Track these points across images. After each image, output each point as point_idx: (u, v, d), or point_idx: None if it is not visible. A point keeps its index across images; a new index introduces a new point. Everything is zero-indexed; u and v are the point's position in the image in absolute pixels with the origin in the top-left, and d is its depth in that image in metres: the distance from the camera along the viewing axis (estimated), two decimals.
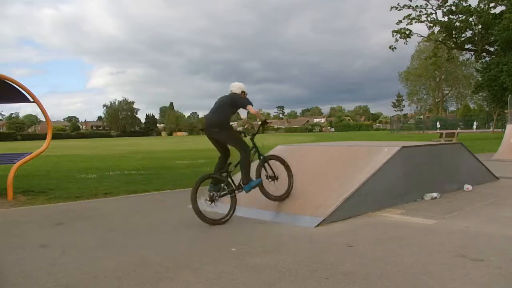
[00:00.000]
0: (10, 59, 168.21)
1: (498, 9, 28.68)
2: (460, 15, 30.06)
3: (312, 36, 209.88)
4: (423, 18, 31.50)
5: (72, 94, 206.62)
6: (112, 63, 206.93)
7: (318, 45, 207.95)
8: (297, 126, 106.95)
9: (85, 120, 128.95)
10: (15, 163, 7.00)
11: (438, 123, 54.24)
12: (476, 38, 30.77)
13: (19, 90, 6.98)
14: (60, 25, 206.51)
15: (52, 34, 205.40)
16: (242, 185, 5.13)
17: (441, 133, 20.87)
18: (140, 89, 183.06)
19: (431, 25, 31.73)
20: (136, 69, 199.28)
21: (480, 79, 31.49)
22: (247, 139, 5.22)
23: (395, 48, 32.98)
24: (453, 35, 31.67)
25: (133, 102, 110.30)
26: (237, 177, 5.25)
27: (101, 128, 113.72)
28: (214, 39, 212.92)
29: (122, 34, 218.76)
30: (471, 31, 31.04)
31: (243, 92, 5.27)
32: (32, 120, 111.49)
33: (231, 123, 5.25)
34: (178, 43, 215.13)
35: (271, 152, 7.28)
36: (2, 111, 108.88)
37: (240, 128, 5.45)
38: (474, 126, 54.63)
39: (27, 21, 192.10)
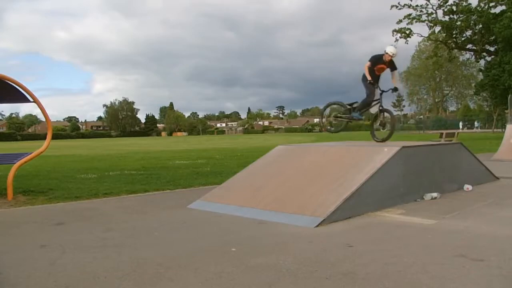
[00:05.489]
0: (13, 67, 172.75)
1: (498, 9, 28.71)
2: (461, 15, 30.03)
3: (298, 48, 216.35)
4: (424, 17, 31.48)
5: (73, 97, 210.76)
6: (114, 70, 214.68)
7: (305, 56, 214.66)
8: (297, 126, 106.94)
9: (85, 120, 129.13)
10: (15, 163, 6.99)
11: (460, 124, 54.04)
12: (476, 37, 30.75)
13: (19, 90, 6.98)
14: (68, 44, 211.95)
15: (60, 50, 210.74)
16: (354, 111, 7.57)
17: (441, 133, 20.84)
18: (141, 93, 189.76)
19: (432, 24, 31.69)
20: (137, 75, 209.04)
21: (483, 78, 31.44)
22: (377, 91, 7.30)
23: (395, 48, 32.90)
24: (454, 35, 31.63)
25: (133, 102, 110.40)
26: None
27: (101, 128, 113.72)
28: (208, 52, 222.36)
29: (124, 48, 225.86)
30: (471, 31, 31.01)
31: (386, 52, 7.13)
32: (32, 120, 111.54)
33: None
34: (177, 56, 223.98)
35: (271, 152, 7.32)
36: (2, 111, 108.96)
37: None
38: (476, 125, 54.56)
39: (39, 39, 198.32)
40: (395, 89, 7.28)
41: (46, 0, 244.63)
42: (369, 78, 7.13)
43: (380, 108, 7.33)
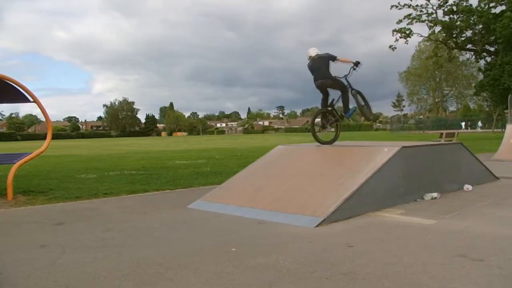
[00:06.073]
0: (13, 67, 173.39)
1: (498, 9, 28.71)
2: (461, 15, 30.02)
3: (298, 48, 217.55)
4: (424, 17, 31.48)
5: (73, 97, 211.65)
6: (114, 70, 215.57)
7: (305, 56, 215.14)
8: (297, 126, 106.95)
9: (85, 120, 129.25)
10: (15, 163, 6.99)
11: (463, 124, 55.12)
12: (476, 38, 30.74)
13: (19, 90, 6.98)
14: (68, 44, 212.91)
15: (60, 50, 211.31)
16: (343, 114, 7.09)
17: (441, 133, 20.84)
18: (141, 93, 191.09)
19: (432, 24, 31.69)
20: (137, 75, 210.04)
21: (483, 79, 31.43)
22: (343, 79, 6.98)
23: (395, 47, 32.92)
24: (454, 35, 31.62)
25: (133, 102, 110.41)
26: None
27: (101, 128, 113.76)
28: (208, 52, 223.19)
29: (124, 48, 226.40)
30: (471, 31, 31.00)
31: (316, 53, 7.01)
32: (32, 120, 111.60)
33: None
34: (177, 56, 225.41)
35: (271, 152, 7.31)
36: (2, 111, 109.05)
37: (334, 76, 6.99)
38: (478, 126, 54.90)
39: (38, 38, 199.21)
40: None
41: (46, 0, 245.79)
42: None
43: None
